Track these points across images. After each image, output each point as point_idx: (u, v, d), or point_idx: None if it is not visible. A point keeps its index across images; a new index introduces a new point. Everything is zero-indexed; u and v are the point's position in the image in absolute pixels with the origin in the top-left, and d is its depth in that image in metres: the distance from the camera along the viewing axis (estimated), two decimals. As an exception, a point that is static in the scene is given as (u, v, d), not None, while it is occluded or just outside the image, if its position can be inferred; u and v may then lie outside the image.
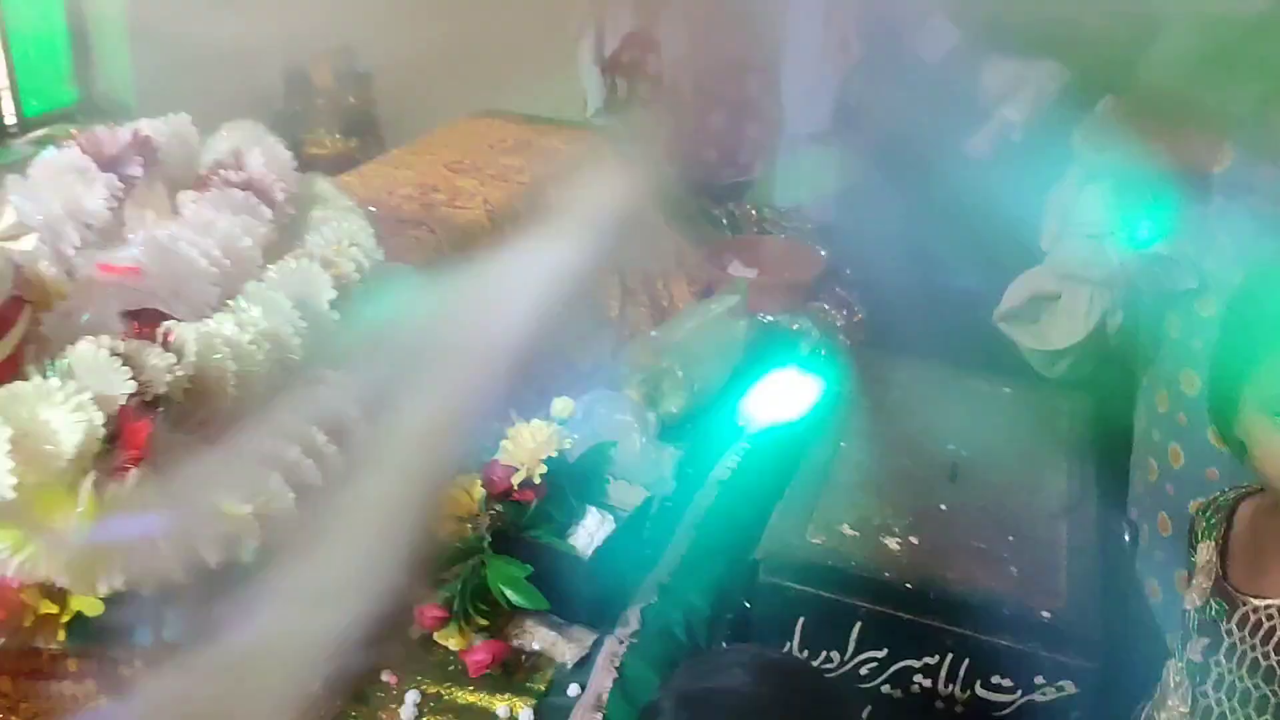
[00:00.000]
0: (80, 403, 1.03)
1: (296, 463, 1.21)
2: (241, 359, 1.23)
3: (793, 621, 1.37)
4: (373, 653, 1.44)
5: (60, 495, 1.03)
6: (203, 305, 1.31)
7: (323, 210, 1.51)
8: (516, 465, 1.47)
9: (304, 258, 1.39)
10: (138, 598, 1.10)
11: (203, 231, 1.33)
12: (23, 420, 1.01)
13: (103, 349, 1.09)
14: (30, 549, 1.01)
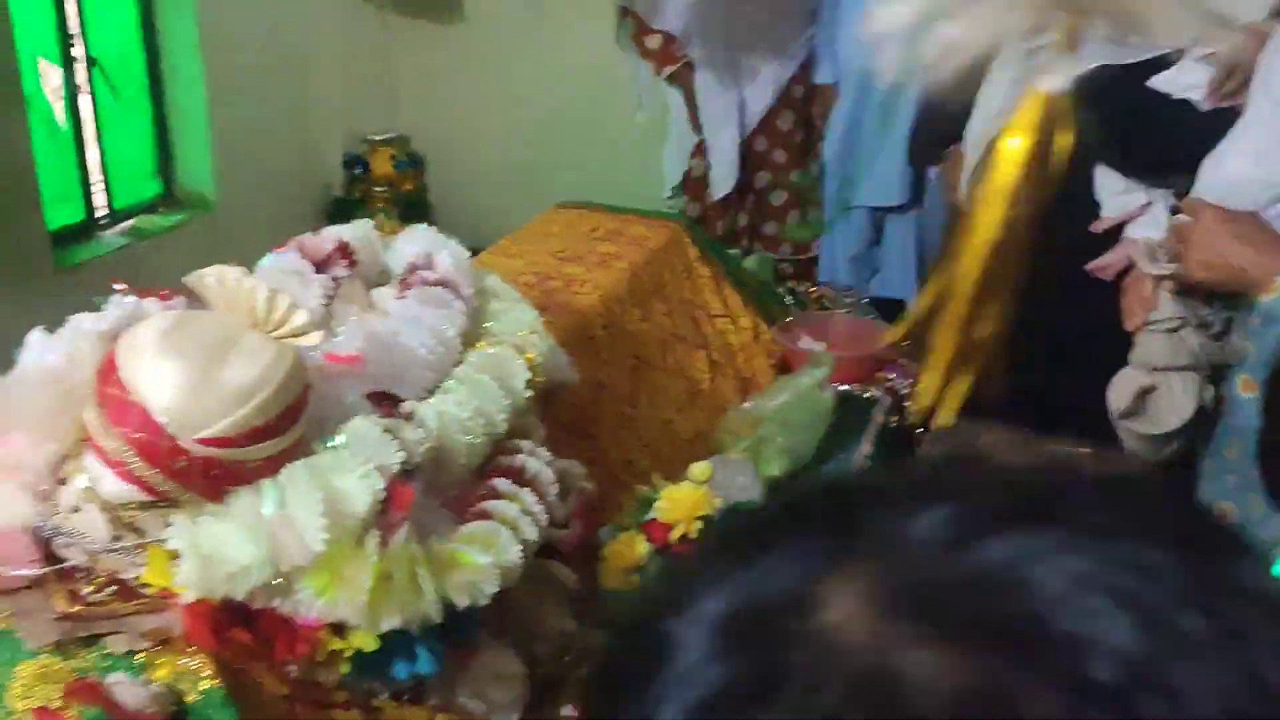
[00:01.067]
0: (366, 471, 1.25)
1: (516, 520, 1.42)
2: (467, 433, 1.45)
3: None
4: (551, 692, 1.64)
5: (350, 549, 1.24)
6: (420, 388, 1.53)
7: (498, 302, 1.74)
8: (672, 522, 1.69)
9: (497, 345, 1.61)
10: (399, 636, 1.30)
11: (414, 324, 1.56)
12: (325, 487, 1.23)
13: (376, 425, 1.31)
14: (330, 593, 1.22)
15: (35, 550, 1.25)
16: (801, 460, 2.30)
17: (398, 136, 5.02)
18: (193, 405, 1.17)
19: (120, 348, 1.20)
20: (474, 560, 1.33)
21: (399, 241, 1.83)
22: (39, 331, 1.37)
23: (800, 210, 3.85)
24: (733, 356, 2.71)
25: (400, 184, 4.99)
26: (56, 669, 1.22)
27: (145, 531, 1.23)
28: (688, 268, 2.78)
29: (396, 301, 1.61)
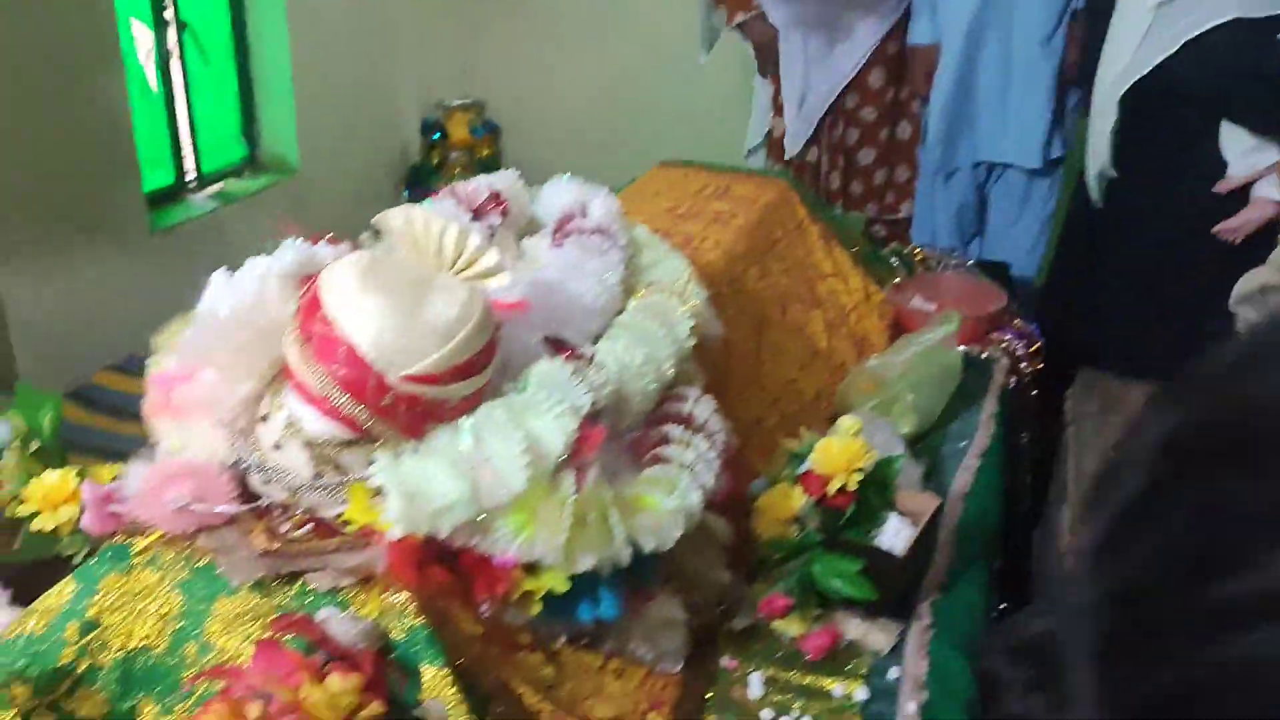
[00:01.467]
0: (561, 412, 1.24)
1: (693, 465, 1.41)
2: (640, 378, 1.44)
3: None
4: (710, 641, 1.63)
5: (546, 489, 1.23)
6: (584, 335, 1.52)
7: (650, 252, 1.72)
8: (829, 475, 1.67)
9: (658, 293, 1.60)
10: (584, 579, 1.29)
11: (577, 271, 1.54)
12: (522, 427, 1.22)
13: (564, 369, 1.30)
14: (528, 532, 1.22)
15: (233, 487, 1.25)
16: (929, 419, 2.27)
17: (474, 103, 5.01)
18: (399, 342, 1.17)
19: (323, 286, 1.20)
20: (659, 503, 1.32)
21: (545, 192, 1.81)
22: (222, 273, 1.37)
23: (889, 169, 3.80)
24: (845, 317, 2.68)
25: (477, 150, 4.98)
26: (256, 605, 1.22)
27: (347, 469, 1.23)
28: (798, 226, 2.75)
29: (555, 250, 1.60)
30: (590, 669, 1.42)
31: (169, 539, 1.25)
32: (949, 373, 2.32)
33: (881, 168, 3.77)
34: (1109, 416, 1.87)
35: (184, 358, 1.27)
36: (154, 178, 3.85)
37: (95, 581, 1.24)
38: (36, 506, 1.58)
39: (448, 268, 1.28)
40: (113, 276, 3.56)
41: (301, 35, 4.24)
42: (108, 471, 1.65)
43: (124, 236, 3.58)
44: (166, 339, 1.39)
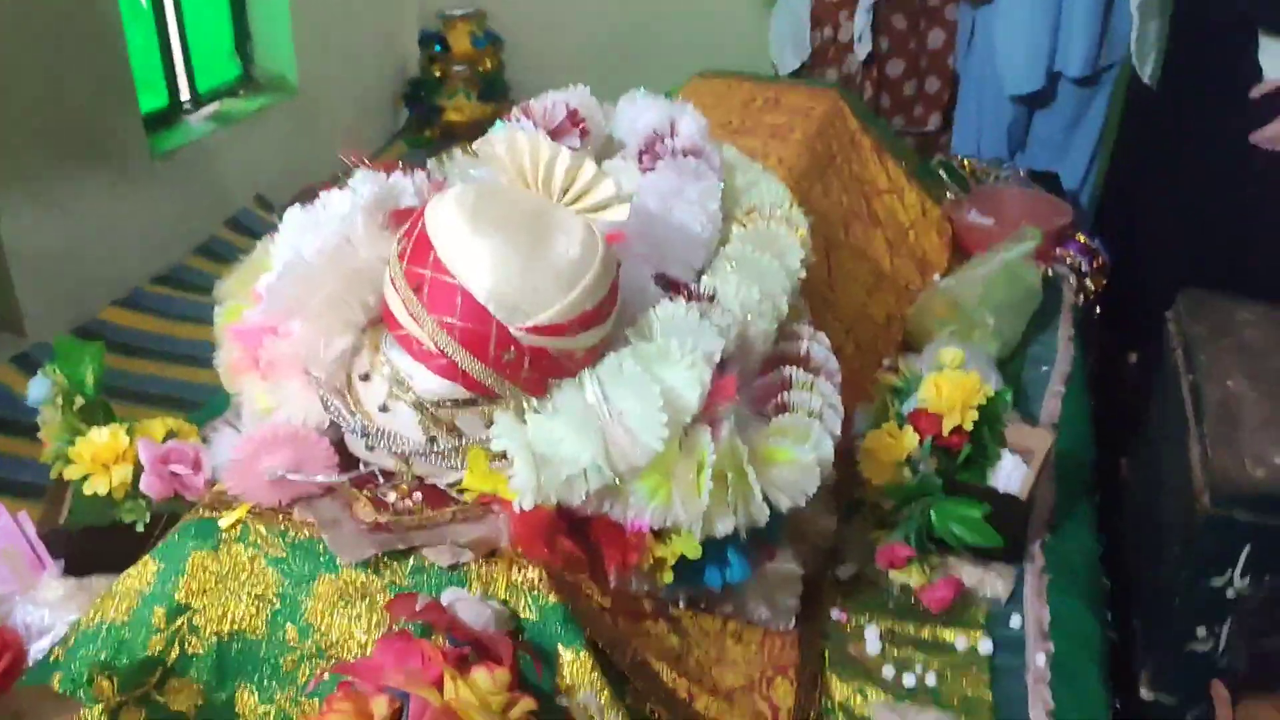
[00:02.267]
0: (694, 360, 1.11)
1: (821, 412, 1.28)
2: (761, 317, 1.30)
3: (1237, 550, 1.44)
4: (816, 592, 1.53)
5: (677, 445, 1.10)
6: (689, 269, 1.38)
7: (742, 175, 1.57)
8: (942, 412, 1.55)
9: (763, 219, 1.45)
10: (712, 542, 1.17)
11: (679, 198, 1.40)
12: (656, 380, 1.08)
13: (691, 311, 1.16)
14: (662, 495, 1.09)
15: (332, 454, 1.12)
16: (1012, 344, 2.15)
17: (475, 11, 4.76)
18: (522, 289, 1.02)
19: (432, 226, 1.05)
20: (794, 456, 1.19)
21: (622, 109, 1.65)
22: (297, 210, 1.21)
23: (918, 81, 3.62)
24: (904, 235, 2.54)
25: (479, 62, 4.75)
26: (364, 584, 1.10)
27: (463, 431, 1.09)
28: (852, 139, 2.59)
29: (650, 174, 1.45)
30: (710, 634, 1.32)
31: (260, 512, 1.12)
32: (1030, 294, 2.19)
33: (910, 79, 3.59)
34: (1221, 340, 1.75)
35: (269, 308, 1.12)
36: (147, 99, 3.63)
37: (181, 561, 1.11)
38: (87, 469, 1.45)
39: (558, 199, 1.13)
40: (114, 206, 3.37)
41: (294, -56, 3.99)
42: (159, 426, 1.52)
43: (124, 163, 3.39)
44: (235, 286, 1.25)
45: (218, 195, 3.82)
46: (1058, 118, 3.14)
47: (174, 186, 3.61)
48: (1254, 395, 1.61)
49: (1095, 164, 3.15)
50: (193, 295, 3.47)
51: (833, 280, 2.16)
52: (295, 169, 4.16)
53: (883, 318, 2.25)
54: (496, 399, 1.08)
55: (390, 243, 1.13)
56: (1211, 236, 2.45)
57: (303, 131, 4.18)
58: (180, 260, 3.64)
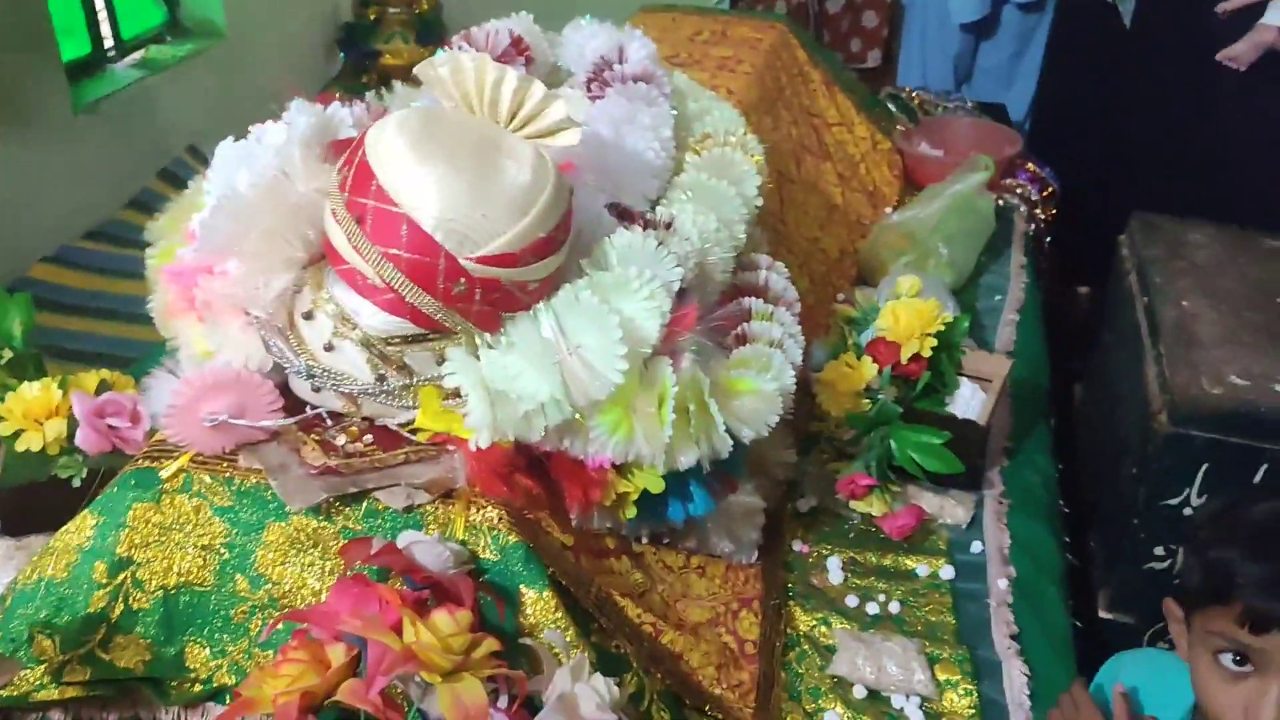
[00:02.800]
0: (652, 291, 1.07)
1: (782, 341, 1.26)
2: (718, 245, 1.27)
3: (1194, 469, 1.45)
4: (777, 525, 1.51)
5: (637, 378, 1.07)
6: (642, 197, 1.34)
7: (694, 102, 1.53)
8: (901, 341, 1.53)
9: (718, 147, 1.41)
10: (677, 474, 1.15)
11: (632, 125, 1.35)
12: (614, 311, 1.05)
13: (648, 240, 1.13)
14: (624, 429, 1.06)
15: (277, 397, 1.07)
16: (965, 273, 2.14)
17: (409, -50, 4.63)
18: (472, 216, 0.98)
19: (372, 154, 1.00)
20: (756, 386, 1.17)
21: (567, 36, 1.59)
22: (229, 143, 1.15)
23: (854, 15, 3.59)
24: (855, 168, 2.51)
25: (415, 3, 4.62)
26: (316, 530, 1.06)
27: (413, 369, 1.05)
28: (800, 71, 2.55)
29: (600, 102, 1.40)
30: (673, 569, 1.30)
31: (203, 460, 1.07)
32: (984, 222, 2.18)
33: (847, 15, 3.55)
34: (1175, 262, 1.75)
35: (203, 247, 1.06)
36: (69, 47, 3.48)
37: (121, 514, 1.06)
38: (19, 424, 1.39)
39: (506, 124, 1.08)
40: (38, 160, 3.23)
41: (217, -121, 3.82)
42: (92, 379, 1.46)
43: (45, 115, 3.24)
44: (168, 225, 1.18)
45: (148, 146, 3.68)
46: (1003, 47, 3.12)
47: (101, 138, 3.48)
48: (1210, 315, 1.61)
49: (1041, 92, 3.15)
50: (126, 250, 3.36)
51: (784, 214, 2.13)
52: (228, 117, 4.00)
53: (836, 252, 2.22)
54: (448, 334, 1.04)
55: (330, 175, 1.08)
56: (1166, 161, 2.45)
57: (234, 78, 4.04)
58: (112, 215, 3.52)
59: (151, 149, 3.70)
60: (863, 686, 1.28)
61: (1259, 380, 1.46)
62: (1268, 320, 1.59)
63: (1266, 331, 1.57)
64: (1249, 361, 1.50)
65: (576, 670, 0.94)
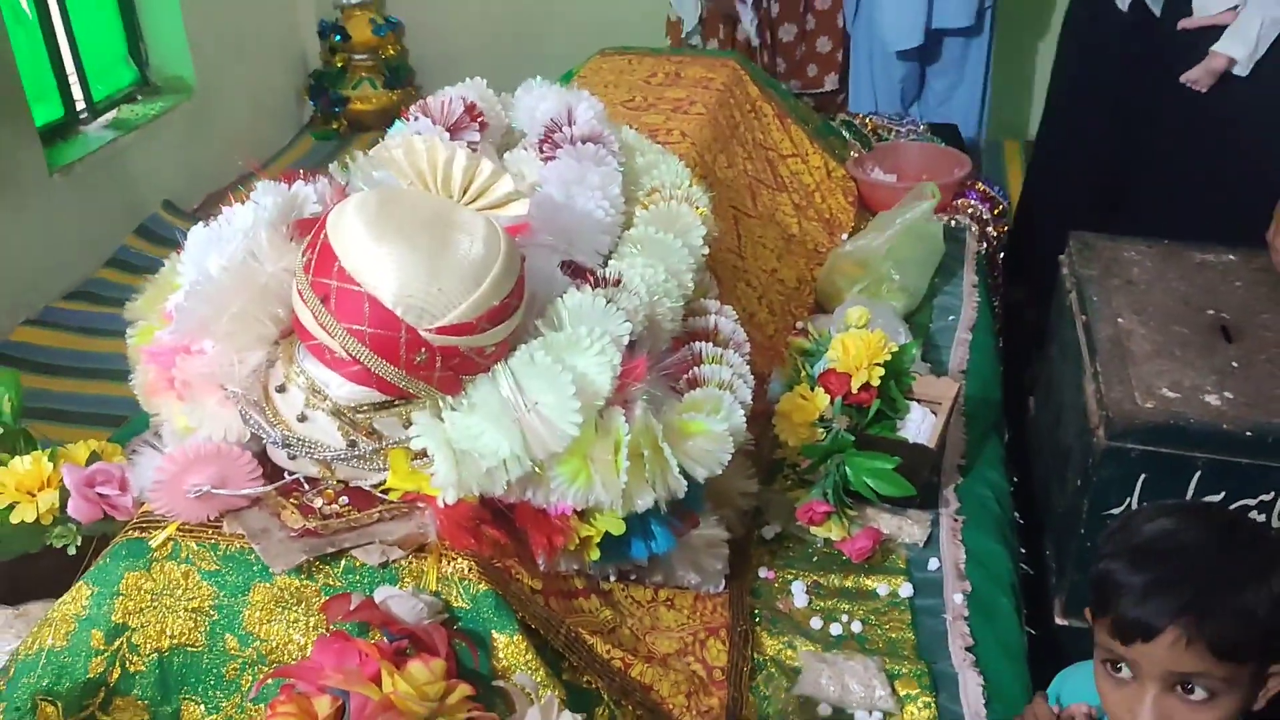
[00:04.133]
0: (603, 347, 1.15)
1: (731, 383, 1.33)
2: (666, 295, 1.35)
3: (1133, 479, 1.53)
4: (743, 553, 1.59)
5: (593, 428, 1.15)
6: (594, 254, 1.42)
7: (642, 157, 1.61)
8: (850, 371, 1.61)
9: (664, 200, 1.49)
10: (637, 515, 1.22)
11: (581, 185, 1.43)
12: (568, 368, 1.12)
13: (597, 297, 1.20)
14: (583, 478, 1.14)
15: (255, 466, 1.14)
16: (918, 297, 2.22)
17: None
18: (430, 291, 1.05)
19: (334, 235, 1.07)
20: (707, 428, 1.24)
21: (520, 99, 1.67)
22: (200, 229, 1.22)
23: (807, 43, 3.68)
24: (811, 197, 2.60)
25: (381, 49, 4.70)
26: (298, 589, 1.13)
27: (382, 434, 1.13)
28: (753, 107, 2.64)
29: (551, 164, 1.48)
30: (642, 603, 1.37)
31: (189, 528, 1.14)
32: (933, 247, 2.27)
33: (801, 43, 3.65)
34: (1110, 280, 1.84)
35: (180, 328, 1.13)
36: (42, 112, 3.55)
37: (114, 583, 1.13)
38: (12, 497, 1.45)
39: (458, 199, 1.16)
40: (15, 224, 3.30)
41: (179, -63, 3.90)
42: (81, 450, 1.52)
43: (20, 179, 3.31)
44: (145, 306, 1.25)
45: (124, 204, 3.76)
46: (946, 70, 3.22)
47: (77, 199, 3.55)
48: (1142, 331, 1.70)
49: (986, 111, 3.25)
50: (107, 308, 3.42)
51: (742, 247, 2.21)
52: (200, 171, 4.10)
53: (794, 281, 2.31)
54: (412, 399, 1.11)
55: (295, 254, 1.15)
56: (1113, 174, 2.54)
57: (205, 132, 4.12)
58: (91, 274, 3.59)
59: (127, 206, 3.77)
60: (827, 705, 1.35)
61: (1189, 392, 1.54)
62: (1195, 333, 1.68)
63: (1195, 344, 1.65)
64: (1179, 375, 1.58)
65: (546, 710, 1.01)
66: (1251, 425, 1.48)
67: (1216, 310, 1.74)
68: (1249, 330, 1.68)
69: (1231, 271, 1.85)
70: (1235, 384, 1.57)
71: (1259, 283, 1.81)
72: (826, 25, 3.61)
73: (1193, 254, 1.91)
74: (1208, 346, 1.65)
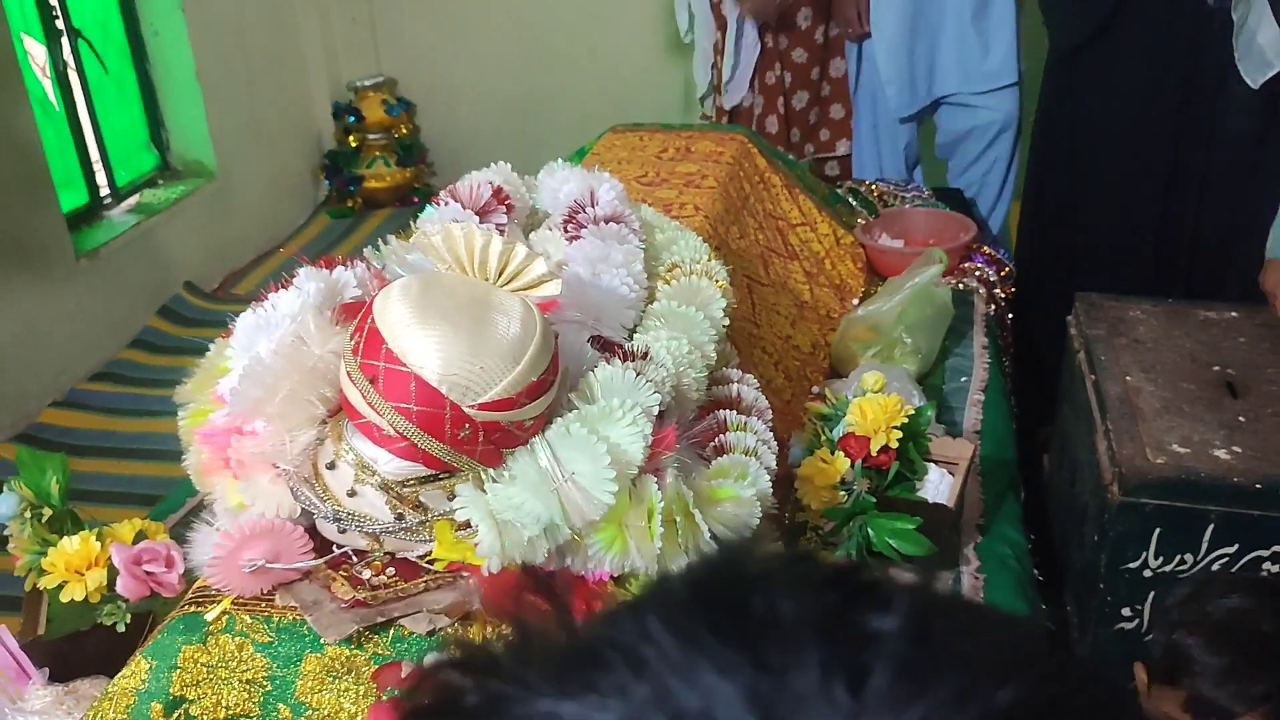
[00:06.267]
0: (634, 418, 1.20)
1: (756, 449, 1.39)
2: (691, 366, 1.40)
3: (1149, 534, 1.57)
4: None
5: (627, 496, 1.20)
6: (620, 328, 1.48)
7: (661, 233, 1.68)
8: (869, 434, 1.66)
9: (685, 275, 1.56)
10: (670, 581, 1.27)
11: (606, 263, 1.50)
12: (602, 438, 1.18)
13: (628, 370, 1.26)
14: (619, 544, 1.19)
15: (307, 540, 1.19)
16: (929, 360, 2.28)
17: (384, 80, 4.85)
18: (471, 369, 1.11)
19: (380, 319, 1.13)
20: (735, 493, 1.29)
21: (543, 181, 1.75)
22: (249, 314, 1.29)
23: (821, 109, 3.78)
24: (821, 264, 2.67)
25: (394, 129, 4.83)
26: (348, 658, 1.17)
27: (428, 506, 1.18)
28: (761, 178, 2.72)
29: (576, 243, 1.54)
30: (676, 666, 1.40)
31: (243, 601, 1.19)
32: (942, 311, 2.33)
33: (814, 108, 3.75)
34: (1117, 339, 1.89)
35: (234, 409, 1.19)
36: (67, 199, 3.66)
37: (172, 656, 1.18)
38: (62, 577, 1.50)
39: (494, 281, 1.23)
40: (42, 308, 3.38)
41: (199, 29, 4.04)
42: (127, 529, 1.58)
43: (49, 265, 3.41)
44: (194, 389, 1.31)
45: (146, 286, 3.85)
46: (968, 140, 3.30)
47: (102, 282, 3.64)
48: (1150, 388, 1.75)
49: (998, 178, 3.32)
50: (131, 388, 3.50)
51: (757, 316, 2.27)
52: (220, 251, 4.21)
53: (808, 346, 2.37)
54: (456, 473, 1.17)
55: (340, 337, 1.22)
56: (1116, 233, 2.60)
57: (224, 214, 4.23)
58: (115, 355, 3.66)
59: (150, 288, 3.86)
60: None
61: (1198, 447, 1.59)
62: (1202, 389, 1.73)
63: (1202, 400, 1.71)
64: (1188, 430, 1.63)
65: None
66: (1261, 478, 1.52)
67: (1222, 366, 1.80)
68: (1254, 385, 1.73)
69: (1234, 328, 1.90)
70: (1243, 438, 1.61)
71: (1261, 338, 1.87)
72: (839, 93, 3.71)
73: (1196, 311, 1.97)
74: (1215, 402, 1.71)
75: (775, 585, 0.37)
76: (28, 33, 3.56)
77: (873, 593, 0.37)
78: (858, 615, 0.35)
